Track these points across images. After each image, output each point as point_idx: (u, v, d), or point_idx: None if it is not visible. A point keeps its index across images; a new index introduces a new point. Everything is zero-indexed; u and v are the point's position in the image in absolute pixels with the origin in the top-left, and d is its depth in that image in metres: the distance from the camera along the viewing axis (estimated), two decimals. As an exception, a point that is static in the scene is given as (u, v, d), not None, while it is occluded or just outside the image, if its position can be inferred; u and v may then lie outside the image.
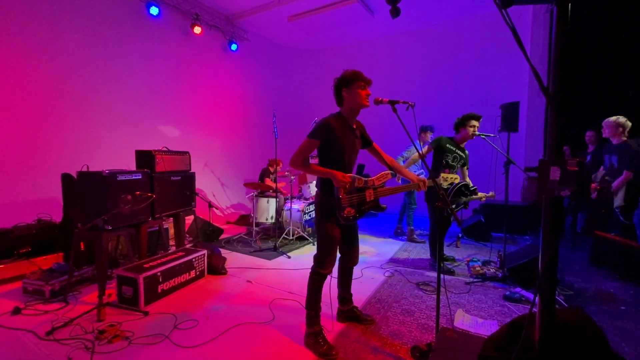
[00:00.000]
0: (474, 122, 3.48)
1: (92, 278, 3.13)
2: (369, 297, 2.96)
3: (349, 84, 2.10)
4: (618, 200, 3.73)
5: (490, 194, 3.69)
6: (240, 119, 7.02)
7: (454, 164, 3.53)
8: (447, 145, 3.52)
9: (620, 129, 3.75)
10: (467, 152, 3.67)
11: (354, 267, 2.52)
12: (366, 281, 3.33)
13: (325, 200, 2.15)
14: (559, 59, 1.08)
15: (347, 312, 2.52)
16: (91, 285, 3.08)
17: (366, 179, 2.19)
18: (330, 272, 2.19)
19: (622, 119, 3.75)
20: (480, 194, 3.61)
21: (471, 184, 3.65)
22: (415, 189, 2.36)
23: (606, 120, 3.85)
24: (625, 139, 3.76)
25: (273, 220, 4.94)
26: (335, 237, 2.15)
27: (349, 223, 2.15)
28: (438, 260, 2.12)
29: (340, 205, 2.08)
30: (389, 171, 2.32)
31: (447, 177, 2.61)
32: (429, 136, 4.89)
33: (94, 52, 4.57)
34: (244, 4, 5.92)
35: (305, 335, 2.21)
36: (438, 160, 3.55)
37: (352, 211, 2.11)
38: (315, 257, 2.21)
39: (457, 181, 2.57)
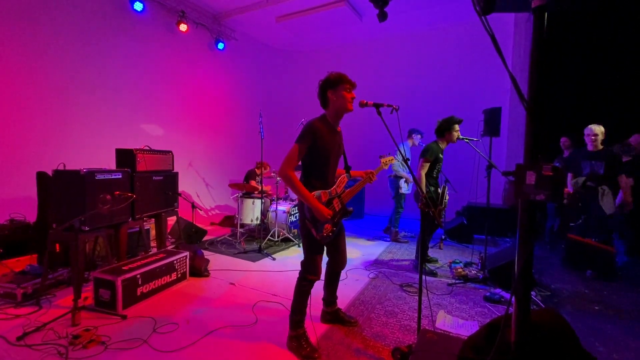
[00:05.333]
0: (458, 127, 3.55)
1: (68, 281, 3.02)
2: (352, 298, 2.97)
3: (334, 86, 2.08)
4: (611, 209, 3.67)
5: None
6: (226, 118, 6.94)
7: (439, 167, 3.61)
8: (440, 155, 3.56)
9: (602, 137, 3.79)
10: None
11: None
12: (350, 283, 3.34)
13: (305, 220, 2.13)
14: (535, 66, 1.11)
15: (331, 314, 2.52)
16: (66, 289, 2.97)
17: (329, 190, 2.16)
18: (318, 278, 2.17)
19: (601, 127, 3.78)
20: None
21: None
22: (368, 182, 2.36)
23: (590, 127, 3.83)
24: (602, 146, 3.81)
25: (258, 222, 4.89)
26: (321, 242, 2.14)
27: (329, 240, 2.14)
28: (420, 262, 2.15)
29: (317, 224, 2.07)
30: (344, 174, 2.30)
31: (385, 161, 2.53)
32: (418, 139, 4.95)
33: (74, 47, 4.42)
34: (231, 2, 5.85)
35: (289, 338, 2.19)
36: (431, 169, 3.56)
37: (329, 227, 2.10)
38: (303, 264, 2.18)
39: (393, 161, 2.56)
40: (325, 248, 2.24)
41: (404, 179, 4.90)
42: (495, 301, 2.93)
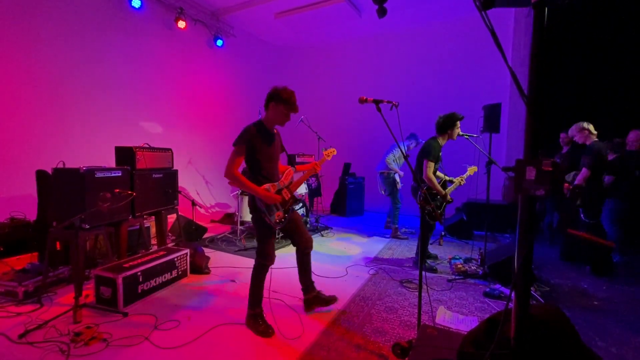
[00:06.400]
0: (459, 124, 3.52)
1: (69, 279, 3.02)
2: (353, 294, 2.98)
3: (280, 103, 2.25)
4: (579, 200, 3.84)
5: (469, 170, 3.77)
6: (225, 116, 6.92)
7: (438, 166, 3.61)
8: (439, 153, 3.53)
9: (586, 132, 3.84)
10: None
11: (336, 264, 2.57)
12: (350, 279, 3.35)
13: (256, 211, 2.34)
14: (535, 62, 1.11)
15: (311, 299, 2.60)
16: (67, 286, 2.97)
17: (277, 182, 2.40)
18: (272, 262, 2.37)
19: (584, 123, 3.86)
20: (457, 179, 3.69)
21: (444, 177, 3.75)
22: (313, 173, 2.59)
23: (573, 125, 3.96)
24: (594, 140, 3.84)
25: (258, 219, 4.89)
26: (271, 229, 2.35)
27: (282, 225, 2.36)
28: (420, 258, 2.16)
29: (270, 213, 2.30)
30: (290, 168, 2.55)
31: (328, 153, 2.70)
32: (413, 145, 4.97)
33: (72, 44, 4.40)
34: (230, -1, 5.83)
35: (247, 316, 2.38)
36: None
37: (281, 214, 2.35)
38: (257, 251, 2.39)
39: (335, 153, 2.72)
40: (277, 235, 2.44)
41: (398, 174, 4.94)
42: (494, 297, 2.94)
